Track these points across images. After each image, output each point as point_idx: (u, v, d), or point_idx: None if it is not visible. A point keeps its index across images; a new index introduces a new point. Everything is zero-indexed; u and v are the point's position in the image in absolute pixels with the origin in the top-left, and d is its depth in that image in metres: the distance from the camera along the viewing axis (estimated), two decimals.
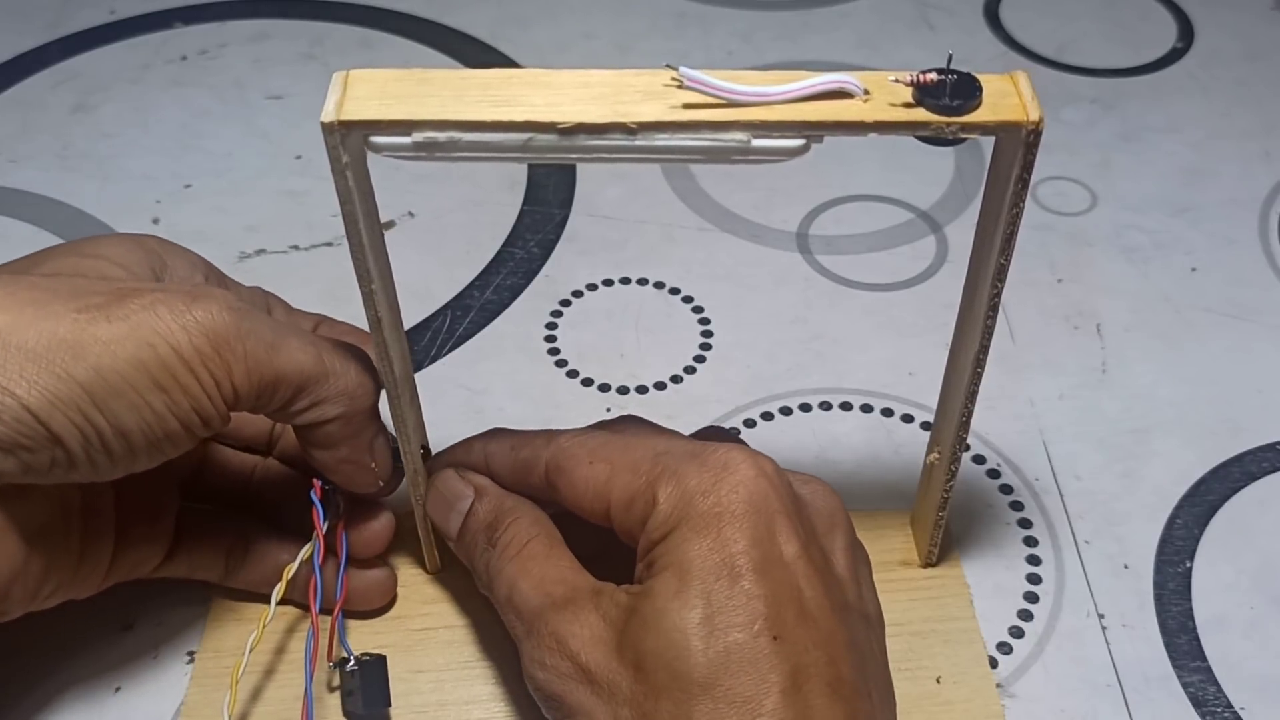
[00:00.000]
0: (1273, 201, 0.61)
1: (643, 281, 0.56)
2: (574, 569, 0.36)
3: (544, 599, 0.35)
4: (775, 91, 0.32)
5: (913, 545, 0.45)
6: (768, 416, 0.50)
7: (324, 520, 0.40)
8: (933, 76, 0.32)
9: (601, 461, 0.36)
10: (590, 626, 0.34)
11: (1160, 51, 0.71)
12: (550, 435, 0.38)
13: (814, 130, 0.32)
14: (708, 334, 0.54)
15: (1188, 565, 0.45)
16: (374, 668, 0.40)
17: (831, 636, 0.32)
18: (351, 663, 0.40)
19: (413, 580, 0.44)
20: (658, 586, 0.33)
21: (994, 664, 0.42)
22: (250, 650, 0.37)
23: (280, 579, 0.39)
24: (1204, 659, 0.42)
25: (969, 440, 0.49)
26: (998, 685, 0.41)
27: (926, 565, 0.45)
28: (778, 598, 0.32)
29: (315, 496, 0.40)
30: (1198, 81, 0.69)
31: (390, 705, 0.40)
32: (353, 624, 0.43)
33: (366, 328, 0.37)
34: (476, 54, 0.70)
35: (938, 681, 0.41)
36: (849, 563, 0.36)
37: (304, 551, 0.39)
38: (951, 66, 0.32)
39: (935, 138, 0.33)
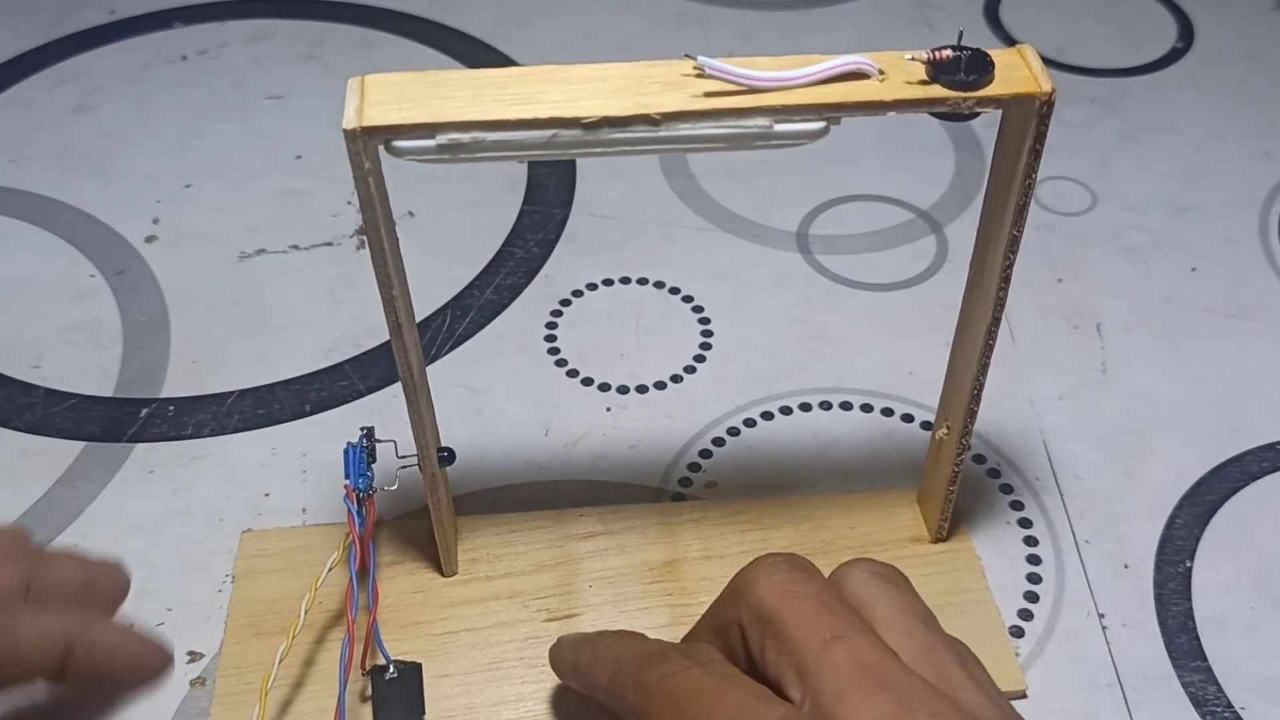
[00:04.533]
0: (1273, 201, 0.61)
1: (643, 281, 0.56)
2: None
3: None
4: (793, 76, 0.32)
5: (921, 522, 0.46)
6: (768, 416, 0.50)
7: (359, 525, 0.39)
8: (947, 53, 0.32)
9: None
10: None
11: (1160, 51, 0.71)
12: (641, 674, 0.33)
13: (834, 112, 0.32)
14: (708, 334, 0.54)
15: (1188, 565, 0.45)
16: (410, 675, 0.40)
17: None
18: (390, 670, 0.39)
19: (430, 585, 0.44)
20: None
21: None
22: (280, 661, 0.37)
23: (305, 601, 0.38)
24: (1204, 659, 0.42)
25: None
26: None
27: (937, 540, 0.45)
28: None
29: (349, 501, 0.39)
30: (1198, 81, 0.69)
31: (425, 713, 0.40)
32: None
33: (384, 330, 0.37)
34: (477, 54, 0.70)
35: None
36: None
37: (333, 557, 0.39)
38: (962, 43, 0.32)
39: (951, 114, 0.33)
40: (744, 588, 0.32)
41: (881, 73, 0.32)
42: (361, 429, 0.42)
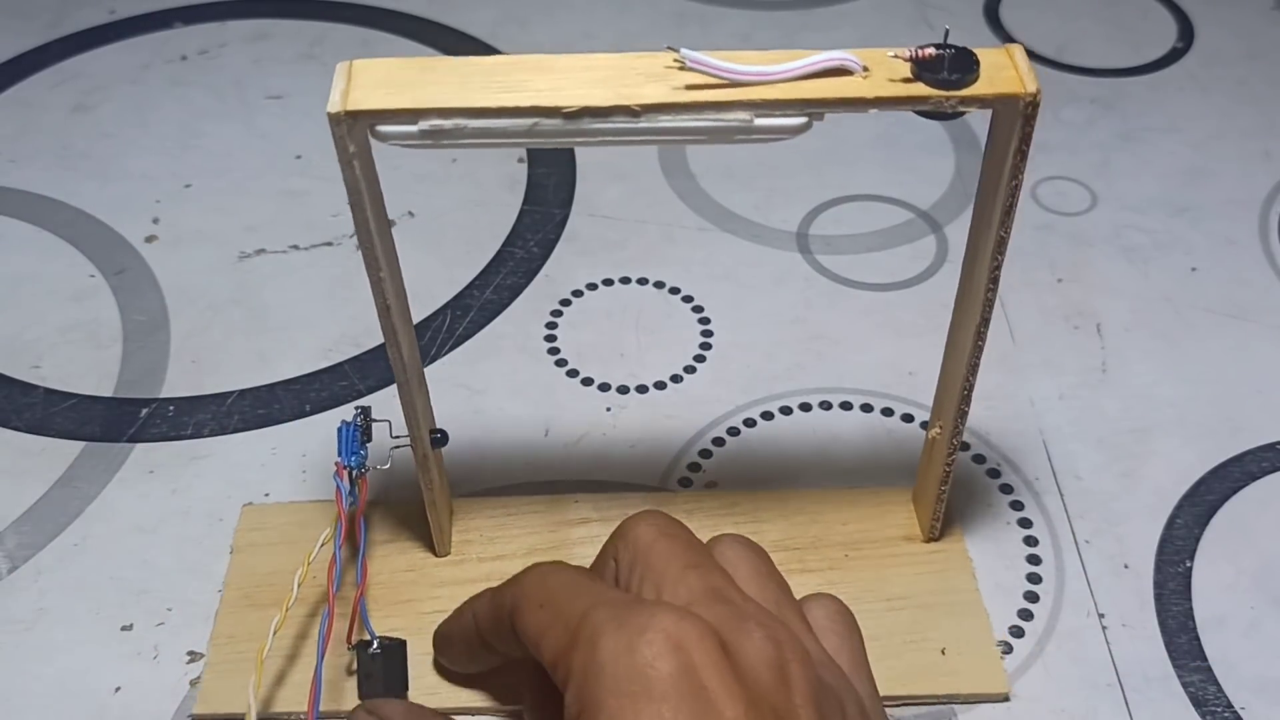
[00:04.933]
0: (1273, 201, 0.61)
1: (643, 281, 0.56)
2: None
3: None
4: (776, 70, 0.32)
5: (915, 522, 0.46)
6: (768, 416, 0.50)
7: (346, 501, 0.39)
8: (931, 51, 0.32)
9: (547, 609, 0.32)
10: None
11: (1160, 51, 0.71)
12: (520, 575, 0.35)
13: (815, 108, 0.32)
14: (708, 334, 0.54)
15: (1188, 565, 0.45)
16: (395, 652, 0.40)
17: None
18: (374, 646, 0.39)
19: (422, 564, 0.44)
20: None
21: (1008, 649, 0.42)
22: (274, 632, 0.37)
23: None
24: (1204, 659, 0.42)
25: (969, 440, 0.49)
26: None
27: (929, 540, 0.45)
28: None
29: (338, 478, 0.40)
30: (1198, 81, 0.69)
31: (409, 689, 0.40)
32: None
33: (375, 325, 0.37)
34: (476, 54, 0.70)
35: (943, 653, 0.42)
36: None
37: (325, 533, 0.39)
38: (948, 42, 0.32)
39: (934, 112, 0.33)
40: (625, 529, 0.34)
41: (865, 69, 0.32)
42: (357, 408, 0.42)
